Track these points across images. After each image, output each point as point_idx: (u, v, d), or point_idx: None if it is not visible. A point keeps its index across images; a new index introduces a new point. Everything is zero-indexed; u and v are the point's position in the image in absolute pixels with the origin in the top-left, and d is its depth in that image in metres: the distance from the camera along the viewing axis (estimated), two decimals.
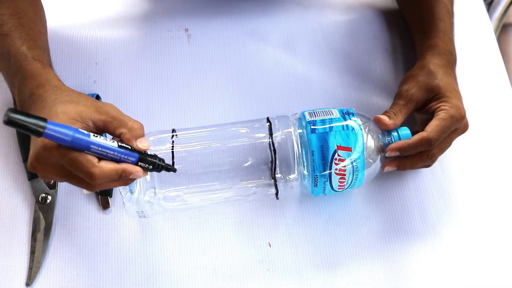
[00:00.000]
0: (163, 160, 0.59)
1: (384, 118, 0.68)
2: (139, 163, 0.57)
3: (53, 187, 0.72)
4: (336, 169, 0.65)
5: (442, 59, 0.73)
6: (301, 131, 0.66)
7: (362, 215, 0.73)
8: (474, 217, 0.73)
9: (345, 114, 0.67)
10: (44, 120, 0.51)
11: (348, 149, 0.64)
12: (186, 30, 0.84)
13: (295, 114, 0.69)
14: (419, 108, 0.71)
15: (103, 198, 0.72)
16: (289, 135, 0.66)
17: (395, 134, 0.68)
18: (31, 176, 0.72)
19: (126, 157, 0.56)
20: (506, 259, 0.71)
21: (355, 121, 0.66)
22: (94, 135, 0.55)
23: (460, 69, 0.76)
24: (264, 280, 0.69)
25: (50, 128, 0.51)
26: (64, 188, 0.73)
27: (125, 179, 0.57)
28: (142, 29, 0.84)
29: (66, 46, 0.81)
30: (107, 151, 0.55)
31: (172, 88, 0.80)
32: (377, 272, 0.70)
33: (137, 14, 0.85)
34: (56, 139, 0.52)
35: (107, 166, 0.55)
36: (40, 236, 0.70)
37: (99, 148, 0.54)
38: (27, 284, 0.68)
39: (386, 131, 0.68)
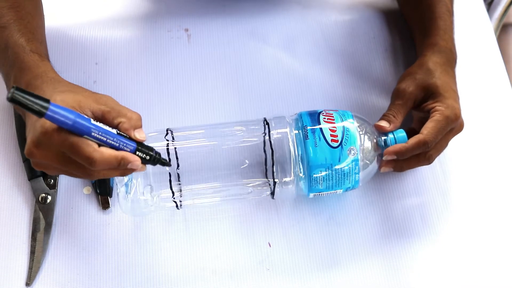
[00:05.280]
0: (159, 154, 0.60)
1: (384, 124, 0.69)
2: (137, 153, 0.57)
3: (53, 187, 0.72)
4: (324, 119, 0.66)
5: (442, 57, 0.73)
6: (297, 131, 0.66)
7: (362, 215, 0.73)
8: (474, 217, 0.73)
9: (342, 116, 0.67)
10: (47, 101, 0.52)
11: (334, 111, 0.67)
12: (186, 30, 0.84)
13: (295, 114, 0.69)
14: (416, 106, 0.71)
15: (103, 198, 0.72)
16: (285, 136, 0.66)
17: (391, 136, 0.68)
18: (31, 176, 0.72)
19: (125, 144, 0.56)
20: (505, 259, 0.71)
21: (351, 123, 0.66)
22: (94, 121, 0.55)
23: (460, 69, 0.76)
24: (264, 280, 0.69)
25: (53, 109, 0.52)
26: (64, 188, 0.73)
27: (123, 168, 0.57)
28: (142, 29, 0.84)
29: (66, 46, 0.81)
30: (108, 136, 0.55)
31: (172, 88, 0.80)
32: (377, 271, 0.70)
33: (137, 14, 0.85)
34: (57, 121, 0.52)
35: (107, 151, 0.55)
36: (40, 236, 0.70)
37: (100, 133, 0.55)
38: (27, 284, 0.68)
39: (383, 133, 0.69)
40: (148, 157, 0.58)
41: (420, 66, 0.72)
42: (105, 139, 0.55)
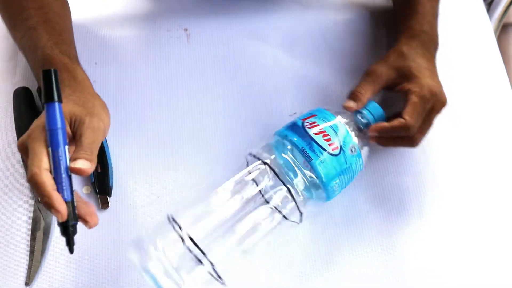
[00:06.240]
0: (73, 227, 0.57)
1: (352, 105, 0.69)
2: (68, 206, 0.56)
3: None
4: (312, 131, 0.66)
5: (415, 40, 0.74)
6: (293, 157, 0.66)
7: (361, 214, 0.73)
8: (473, 215, 0.73)
9: (324, 118, 0.67)
10: (60, 99, 0.57)
11: (312, 116, 0.67)
12: (186, 30, 0.84)
13: (294, 113, 0.69)
14: (390, 88, 0.72)
15: (102, 198, 0.72)
16: (288, 168, 0.66)
17: (365, 111, 0.69)
18: None
19: (61, 188, 0.56)
20: (503, 253, 0.71)
21: (338, 121, 0.67)
22: (67, 148, 0.57)
23: (460, 69, 0.77)
24: (264, 280, 0.69)
25: (55, 105, 0.56)
26: None
27: (48, 207, 0.55)
28: (142, 29, 0.84)
29: None
30: (60, 166, 0.56)
31: (171, 88, 0.80)
32: (377, 270, 0.70)
33: (137, 14, 0.86)
34: (50, 115, 0.56)
35: (44, 178, 0.55)
36: (39, 235, 0.70)
37: (59, 157, 0.56)
38: (27, 283, 0.68)
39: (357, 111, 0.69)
40: (65, 222, 0.56)
41: (393, 51, 0.73)
42: (57, 165, 0.56)
